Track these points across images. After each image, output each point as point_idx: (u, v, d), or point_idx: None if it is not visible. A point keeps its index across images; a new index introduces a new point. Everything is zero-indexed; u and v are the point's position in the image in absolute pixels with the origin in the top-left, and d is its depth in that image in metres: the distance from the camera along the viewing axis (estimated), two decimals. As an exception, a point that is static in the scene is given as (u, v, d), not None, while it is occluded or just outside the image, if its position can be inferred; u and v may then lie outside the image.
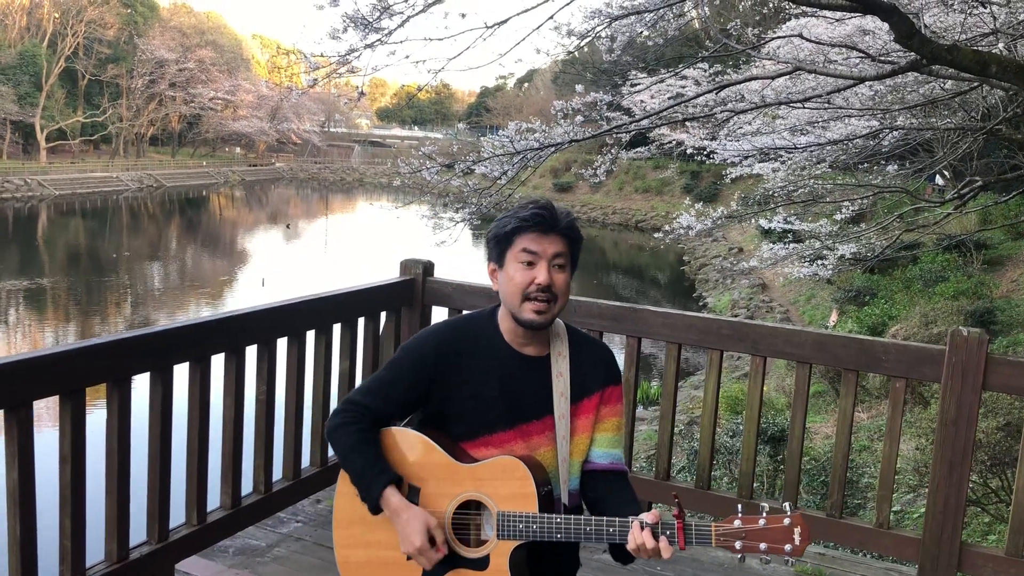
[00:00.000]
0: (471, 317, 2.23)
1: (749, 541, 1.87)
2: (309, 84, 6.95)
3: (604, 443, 2.15)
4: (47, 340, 21.16)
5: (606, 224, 46.71)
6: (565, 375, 2.12)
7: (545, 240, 2.04)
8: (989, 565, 3.35)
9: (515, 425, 2.10)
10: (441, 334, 2.17)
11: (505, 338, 2.14)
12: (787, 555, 1.86)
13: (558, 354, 2.14)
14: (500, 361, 2.12)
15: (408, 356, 2.15)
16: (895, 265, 17.81)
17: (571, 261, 2.09)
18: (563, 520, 1.98)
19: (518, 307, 2.05)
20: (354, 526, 2.15)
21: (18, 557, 2.58)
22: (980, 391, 3.30)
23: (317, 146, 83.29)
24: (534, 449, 2.10)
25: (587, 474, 2.15)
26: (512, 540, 2.00)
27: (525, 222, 2.04)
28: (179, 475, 3.17)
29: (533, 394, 2.11)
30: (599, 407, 2.15)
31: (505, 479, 2.03)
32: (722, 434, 8.17)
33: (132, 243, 38.89)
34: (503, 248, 2.08)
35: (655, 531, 1.89)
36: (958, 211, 11.30)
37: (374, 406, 2.12)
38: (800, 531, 1.86)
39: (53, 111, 59.05)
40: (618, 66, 23.41)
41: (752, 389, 3.80)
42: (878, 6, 4.47)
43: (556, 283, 2.04)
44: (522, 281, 2.03)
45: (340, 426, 2.11)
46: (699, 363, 17.28)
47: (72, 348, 2.80)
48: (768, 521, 1.87)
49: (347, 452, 2.09)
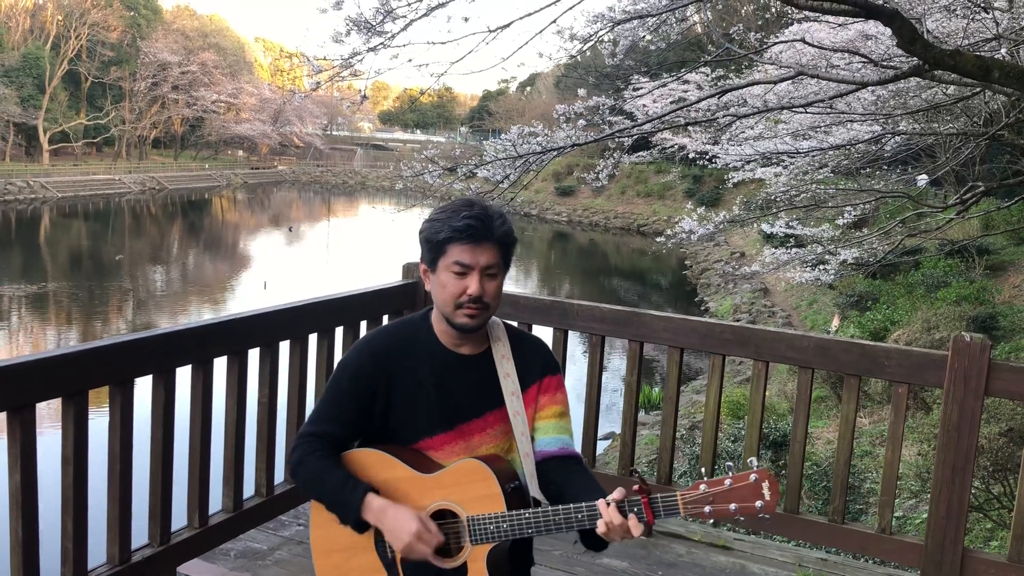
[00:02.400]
0: (403, 321, 2.23)
1: (718, 504, 1.82)
2: (312, 87, 6.97)
3: (549, 429, 2.14)
4: (50, 343, 21.17)
5: (608, 228, 46.72)
6: (512, 374, 2.13)
7: (477, 250, 2.01)
8: (991, 571, 3.34)
9: (454, 426, 2.10)
10: (373, 342, 2.17)
11: (440, 339, 2.14)
12: (759, 512, 1.82)
13: (502, 356, 2.14)
14: (436, 362, 2.12)
15: (346, 371, 2.14)
16: (897, 270, 17.79)
17: (504, 265, 2.09)
18: (531, 514, 1.96)
19: (451, 313, 2.05)
20: (333, 555, 2.14)
21: (20, 559, 2.58)
22: (983, 397, 3.29)
23: (319, 149, 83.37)
24: (474, 448, 2.10)
25: (541, 464, 2.11)
26: (486, 543, 1.99)
27: (458, 233, 2.00)
28: (181, 478, 3.18)
29: (470, 393, 2.11)
30: (537, 397, 2.16)
31: (469, 482, 2.01)
32: (724, 439, 8.17)
33: (134, 246, 38.94)
34: (435, 255, 2.06)
35: (622, 508, 1.87)
36: (960, 216, 11.29)
37: (328, 431, 2.11)
38: (769, 485, 1.81)
39: (56, 113, 59.15)
40: (620, 70, 23.44)
41: (754, 394, 3.80)
42: (881, 11, 4.48)
43: (487, 292, 2.03)
44: (454, 291, 2.02)
45: (302, 459, 2.09)
46: (701, 368, 17.27)
47: (75, 350, 2.80)
48: (734, 480, 1.83)
49: (315, 480, 2.07)
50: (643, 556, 3.72)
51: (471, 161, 8.08)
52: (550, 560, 3.58)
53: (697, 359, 16.77)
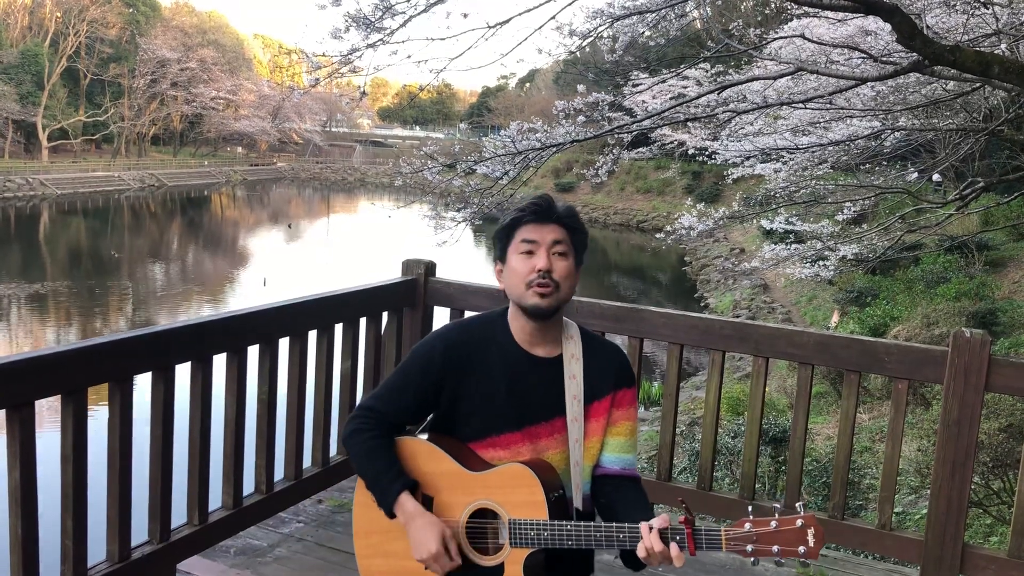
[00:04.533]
0: (481, 318, 2.22)
1: (761, 545, 1.81)
2: (311, 84, 6.96)
3: (617, 448, 2.13)
4: (49, 340, 21.17)
5: (607, 224, 46.69)
6: (579, 377, 2.10)
7: (544, 229, 2.05)
8: (992, 567, 3.34)
9: (522, 427, 2.08)
10: (449, 336, 2.15)
11: (515, 338, 2.12)
12: (801, 557, 1.80)
13: (571, 356, 2.12)
14: (509, 361, 2.10)
15: (417, 360, 2.14)
16: (897, 266, 17.78)
17: (574, 250, 2.08)
18: (574, 527, 1.95)
19: (523, 295, 2.04)
20: (372, 535, 2.15)
21: (20, 557, 2.58)
22: (982, 392, 3.29)
23: (319, 146, 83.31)
24: (541, 452, 2.08)
25: (599, 479, 2.12)
26: (524, 548, 1.99)
27: (522, 212, 2.07)
28: (181, 475, 3.17)
29: (542, 396, 2.09)
30: (611, 410, 2.13)
31: (515, 487, 2.01)
32: (723, 435, 8.17)
33: (134, 242, 38.92)
34: (505, 244, 2.09)
35: (664, 536, 1.85)
36: (960, 212, 11.28)
37: (387, 411, 2.12)
38: (814, 532, 1.80)
39: (55, 110, 59.11)
40: (620, 66, 23.42)
41: (754, 390, 3.79)
42: (880, 7, 4.47)
43: (557, 269, 2.03)
44: (523, 270, 2.03)
45: (355, 432, 2.11)
46: (700, 364, 17.27)
47: (74, 348, 2.80)
48: (779, 523, 1.81)
49: (362, 458, 2.09)
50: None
51: (470, 157, 8.07)
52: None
53: (697, 355, 16.77)
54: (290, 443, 3.73)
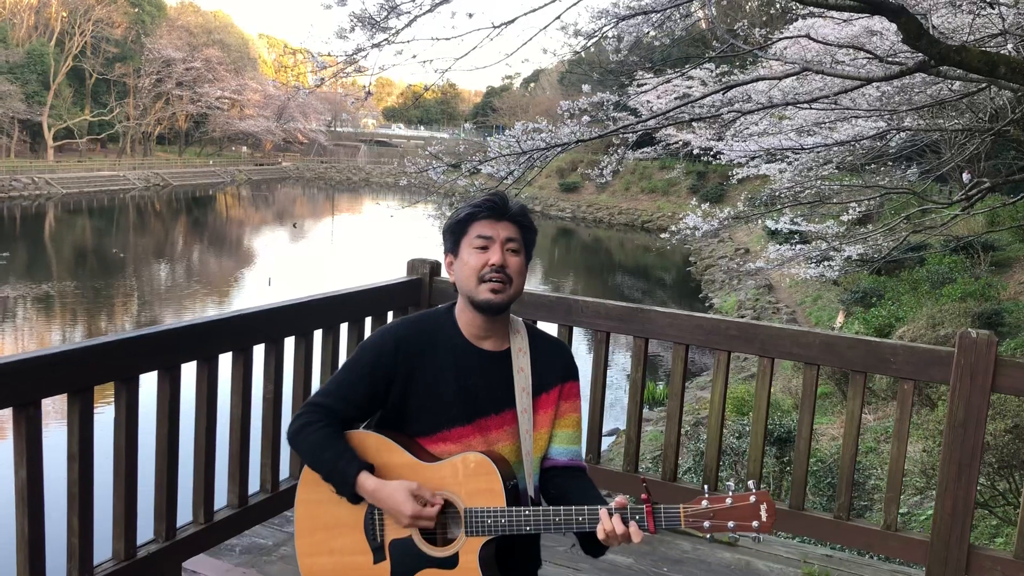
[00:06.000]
0: (428, 313, 2.25)
1: (717, 520, 1.90)
2: (316, 83, 6.97)
3: (564, 439, 2.17)
4: (54, 339, 21.22)
5: (612, 224, 46.69)
6: (527, 370, 2.15)
7: (498, 225, 2.10)
8: (998, 568, 3.33)
9: (473, 420, 2.11)
10: (398, 331, 2.17)
11: (463, 332, 2.15)
12: (754, 531, 1.90)
13: (519, 350, 2.16)
14: (458, 356, 2.13)
15: (367, 355, 2.15)
16: (902, 266, 17.76)
17: (525, 248, 2.13)
18: (531, 512, 1.98)
19: (474, 289, 2.08)
20: (317, 532, 2.14)
21: (26, 555, 2.58)
22: (989, 393, 3.28)
23: (323, 145, 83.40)
24: (492, 444, 2.11)
25: (547, 471, 2.16)
26: (481, 536, 2.01)
27: (477, 208, 2.11)
28: (186, 474, 3.18)
29: (491, 389, 2.12)
30: (558, 402, 2.18)
31: (471, 475, 2.03)
32: (728, 435, 8.16)
33: (139, 242, 39.01)
34: (458, 236, 2.13)
35: (624, 516, 1.90)
36: (965, 213, 11.26)
37: (336, 407, 2.11)
38: (767, 508, 1.90)
39: (60, 110, 59.24)
40: (625, 66, 23.39)
41: (760, 390, 3.79)
42: (886, 7, 4.46)
43: (510, 265, 2.08)
44: (476, 264, 2.07)
45: (304, 427, 2.09)
46: (704, 364, 17.26)
47: (80, 347, 2.80)
48: (734, 500, 1.91)
49: (314, 448, 2.07)
50: (648, 552, 3.72)
51: (475, 157, 8.07)
52: (555, 556, 3.59)
53: (702, 355, 16.75)
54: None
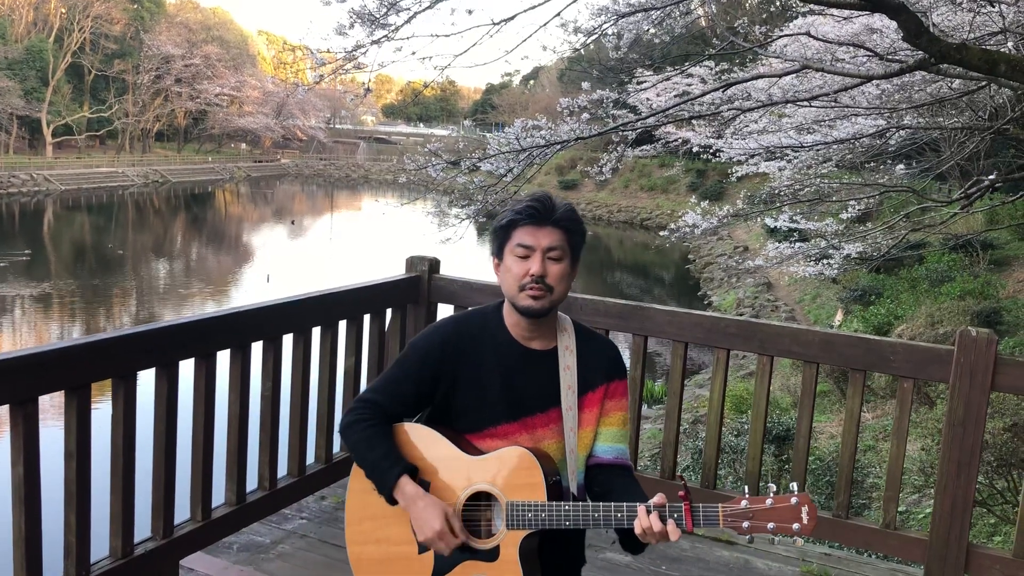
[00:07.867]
0: (477, 312, 2.26)
1: (756, 521, 1.87)
2: (315, 80, 6.95)
3: (609, 437, 2.17)
4: (52, 336, 21.21)
5: (611, 222, 46.66)
6: (573, 368, 2.15)
7: (540, 233, 2.07)
8: (997, 567, 3.33)
9: (519, 418, 2.12)
10: (446, 329, 2.19)
11: (510, 332, 2.16)
12: (795, 534, 1.86)
13: (565, 348, 2.16)
14: (504, 355, 2.14)
15: (415, 353, 2.18)
16: (901, 265, 17.75)
17: (570, 252, 2.11)
18: (571, 507, 1.99)
19: (516, 296, 2.09)
20: (365, 522, 2.16)
21: (23, 553, 2.58)
22: (988, 392, 3.28)
23: (322, 142, 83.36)
24: (538, 441, 2.12)
25: (592, 468, 2.16)
26: (521, 530, 2.01)
27: (519, 215, 2.08)
28: (184, 471, 3.17)
29: (537, 387, 2.13)
30: (604, 401, 2.17)
31: (513, 469, 2.04)
32: (727, 433, 8.16)
33: (138, 239, 38.97)
34: (502, 242, 2.12)
35: (662, 514, 1.89)
36: (964, 211, 11.25)
37: (385, 403, 2.15)
38: (808, 510, 1.85)
39: (59, 106, 59.18)
40: (624, 64, 23.36)
41: (759, 388, 3.78)
42: (886, 4, 4.45)
43: (550, 274, 2.07)
44: (518, 272, 2.07)
45: (354, 423, 2.13)
46: (703, 362, 17.26)
47: (78, 344, 2.79)
48: (775, 501, 1.87)
49: (361, 446, 2.11)
50: (647, 550, 3.71)
51: (474, 155, 8.06)
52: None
53: (701, 353, 16.75)
54: (293, 439, 3.73)
